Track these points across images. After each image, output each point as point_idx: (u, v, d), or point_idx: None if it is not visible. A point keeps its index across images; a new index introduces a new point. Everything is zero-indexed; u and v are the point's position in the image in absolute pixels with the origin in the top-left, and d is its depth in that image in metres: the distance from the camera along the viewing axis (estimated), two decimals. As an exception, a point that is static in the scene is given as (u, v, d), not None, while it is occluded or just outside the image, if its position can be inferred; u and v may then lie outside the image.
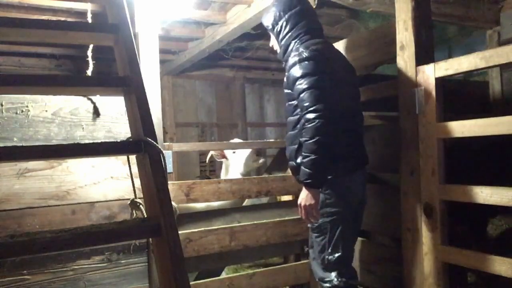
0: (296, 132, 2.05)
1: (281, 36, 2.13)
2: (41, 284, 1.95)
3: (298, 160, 2.02)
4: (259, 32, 3.94)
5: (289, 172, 2.63)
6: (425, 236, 2.05)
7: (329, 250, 2.04)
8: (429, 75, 2.01)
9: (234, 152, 3.21)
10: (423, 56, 2.07)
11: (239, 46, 4.74)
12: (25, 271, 1.92)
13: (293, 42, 2.09)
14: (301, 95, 1.94)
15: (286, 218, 2.71)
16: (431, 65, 2.00)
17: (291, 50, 2.08)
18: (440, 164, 1.98)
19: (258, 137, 7.55)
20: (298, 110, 2.01)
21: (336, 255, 2.03)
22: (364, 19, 3.93)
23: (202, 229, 2.43)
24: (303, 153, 1.94)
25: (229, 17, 3.86)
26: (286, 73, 2.06)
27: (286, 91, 2.12)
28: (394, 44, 2.21)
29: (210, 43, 4.36)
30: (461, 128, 1.88)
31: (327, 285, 2.04)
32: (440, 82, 2.00)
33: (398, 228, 2.22)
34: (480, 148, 2.45)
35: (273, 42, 2.23)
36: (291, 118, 2.11)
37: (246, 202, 3.07)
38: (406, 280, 2.17)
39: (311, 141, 1.89)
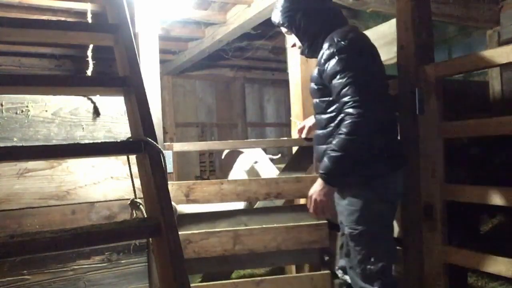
0: (330, 129, 1.86)
1: (302, 29, 1.91)
2: (41, 284, 1.95)
3: None
4: (259, 32, 3.95)
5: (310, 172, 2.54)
6: (425, 236, 2.05)
7: (372, 260, 1.83)
8: (429, 75, 2.01)
9: (256, 162, 3.16)
10: (423, 56, 2.07)
11: (239, 46, 4.74)
12: (25, 271, 1.92)
13: (320, 32, 1.89)
14: (343, 90, 1.73)
15: (301, 223, 2.46)
16: (431, 65, 2.00)
17: (322, 40, 1.87)
18: (440, 164, 1.98)
19: (258, 137, 7.55)
20: (334, 107, 1.84)
21: (380, 264, 1.82)
22: (364, 19, 3.93)
23: (203, 230, 2.37)
24: (332, 144, 1.76)
25: (229, 17, 3.87)
26: (319, 67, 1.88)
27: (316, 86, 1.93)
28: (394, 44, 2.21)
29: (210, 43, 4.36)
30: (461, 128, 1.88)
31: None
32: (440, 82, 2.00)
33: (398, 228, 2.22)
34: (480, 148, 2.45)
35: (291, 39, 2.02)
36: (324, 116, 1.91)
37: (258, 204, 2.89)
38: (406, 280, 2.17)
39: (346, 137, 1.71)
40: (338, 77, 1.76)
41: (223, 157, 3.32)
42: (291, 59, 2.86)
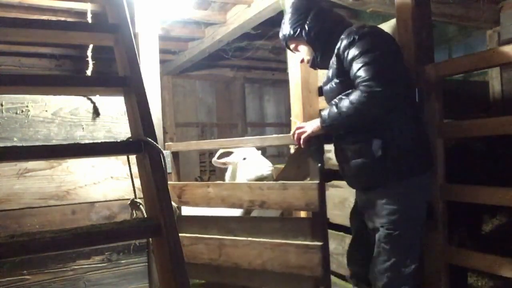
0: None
1: (313, 35, 1.87)
2: (41, 284, 1.95)
3: (378, 154, 1.71)
4: (259, 32, 3.95)
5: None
6: (425, 236, 2.05)
7: (407, 262, 1.75)
8: (429, 75, 2.01)
9: (244, 159, 3.08)
10: (423, 56, 2.07)
11: (239, 46, 4.74)
12: (25, 271, 1.92)
13: (335, 32, 1.86)
14: (362, 69, 1.66)
15: (289, 241, 2.05)
16: (431, 65, 2.00)
17: (338, 39, 1.82)
18: (440, 164, 1.98)
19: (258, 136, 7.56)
20: None
21: (413, 266, 1.75)
22: (364, 19, 3.93)
23: (193, 235, 2.27)
24: (349, 98, 1.68)
25: (229, 17, 3.87)
26: (335, 59, 1.82)
27: (337, 80, 1.83)
28: (394, 44, 2.21)
29: (210, 43, 4.36)
30: (461, 128, 1.88)
31: None
32: (440, 82, 2.00)
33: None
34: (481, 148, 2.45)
35: (300, 55, 2.01)
36: None
37: (254, 212, 2.72)
38: (406, 280, 2.17)
39: (352, 105, 1.65)
40: (359, 58, 1.69)
41: (215, 158, 3.19)
42: (291, 59, 2.86)
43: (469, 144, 2.34)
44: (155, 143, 1.45)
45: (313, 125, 1.91)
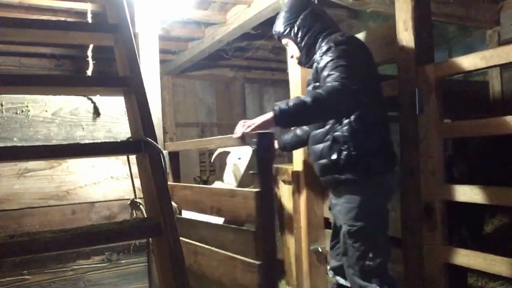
0: (328, 127, 1.92)
1: (300, 37, 2.01)
2: (41, 284, 1.95)
3: (334, 156, 1.86)
4: (259, 32, 3.94)
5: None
6: (425, 236, 2.05)
7: (371, 255, 1.86)
8: (429, 75, 2.01)
9: (239, 159, 3.07)
10: (423, 56, 2.07)
11: (239, 46, 4.74)
12: (25, 271, 1.92)
13: (319, 37, 1.99)
14: (331, 71, 1.78)
15: (237, 256, 1.87)
16: (431, 65, 2.00)
17: (319, 45, 1.97)
18: (440, 164, 1.98)
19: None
20: None
21: (378, 260, 1.86)
22: (364, 19, 3.93)
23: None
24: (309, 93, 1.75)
25: (229, 17, 3.87)
26: (316, 64, 1.94)
27: (314, 84, 1.97)
28: (394, 44, 2.21)
29: (210, 43, 4.36)
30: (461, 128, 1.88)
31: None
32: (440, 82, 2.00)
33: (398, 228, 2.22)
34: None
35: (292, 49, 2.11)
36: None
37: None
38: (406, 280, 2.17)
39: (320, 94, 1.71)
40: (330, 64, 1.81)
41: (212, 160, 3.18)
42: (291, 59, 2.86)
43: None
44: (155, 143, 1.45)
45: (263, 118, 1.80)
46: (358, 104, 1.83)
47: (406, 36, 2.11)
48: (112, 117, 2.15)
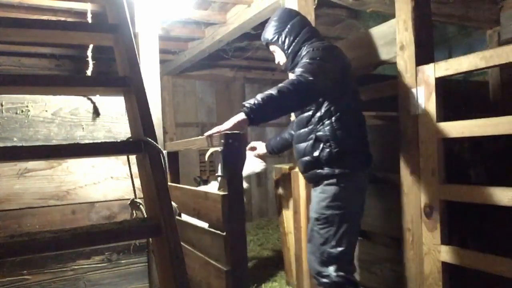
0: (311, 127, 2.07)
1: (287, 44, 2.15)
2: (41, 284, 1.95)
3: (316, 154, 2.04)
4: (259, 32, 3.93)
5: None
6: (425, 236, 2.05)
7: (333, 243, 2.00)
8: (429, 75, 2.01)
9: None
10: (423, 56, 2.07)
11: (239, 46, 4.74)
12: (25, 271, 1.92)
13: (303, 46, 2.12)
14: (298, 68, 1.92)
15: (210, 261, 1.84)
16: (431, 65, 2.00)
17: (301, 52, 2.10)
18: (440, 164, 1.98)
19: (258, 137, 7.55)
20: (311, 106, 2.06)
21: (339, 249, 2.00)
22: (364, 19, 3.93)
23: None
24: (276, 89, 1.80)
25: (229, 17, 3.87)
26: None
27: None
28: (394, 44, 2.21)
29: (210, 43, 4.36)
30: (461, 128, 1.88)
31: (325, 280, 2.01)
32: (440, 82, 2.00)
33: (398, 228, 2.22)
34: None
35: (279, 55, 2.24)
36: (303, 115, 2.13)
37: None
38: (406, 280, 2.17)
39: (288, 86, 1.80)
40: (302, 62, 1.96)
41: (206, 158, 3.08)
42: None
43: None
44: (155, 143, 1.45)
45: (234, 119, 1.76)
46: (333, 108, 2.02)
47: (406, 36, 2.12)
48: (112, 117, 2.15)
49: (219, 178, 3.22)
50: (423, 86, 2.03)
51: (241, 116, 1.75)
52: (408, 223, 2.16)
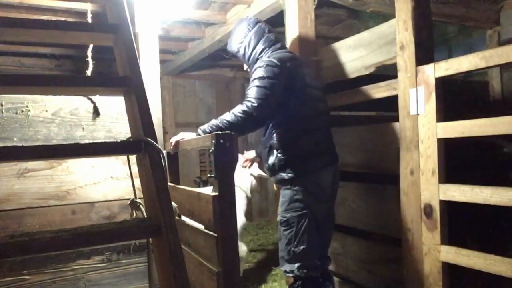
0: (267, 136, 2.28)
1: (247, 56, 2.34)
2: (41, 284, 1.95)
3: (270, 161, 2.25)
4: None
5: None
6: (425, 236, 2.05)
7: (295, 243, 2.18)
8: (429, 75, 2.01)
9: None
10: (423, 56, 2.07)
11: (239, 46, 4.73)
12: (25, 271, 1.92)
13: (260, 56, 2.29)
14: (249, 90, 2.13)
15: (203, 261, 1.83)
16: (431, 65, 2.00)
17: (256, 65, 2.24)
18: (440, 164, 1.98)
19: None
20: None
21: (301, 247, 2.17)
22: (364, 19, 3.93)
23: None
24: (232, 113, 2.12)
25: (229, 17, 3.87)
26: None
27: None
28: (394, 44, 2.21)
29: (210, 43, 4.36)
30: (461, 128, 1.88)
31: (290, 275, 2.21)
32: (440, 82, 2.00)
33: (398, 228, 2.22)
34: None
35: (245, 64, 2.45)
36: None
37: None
38: (406, 280, 2.17)
39: (232, 115, 2.10)
40: (252, 82, 2.15)
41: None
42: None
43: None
44: (155, 143, 1.45)
45: (190, 135, 2.29)
46: (281, 118, 2.20)
47: (406, 36, 2.12)
48: (112, 117, 2.15)
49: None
50: (423, 86, 2.03)
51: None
52: (408, 223, 2.15)
